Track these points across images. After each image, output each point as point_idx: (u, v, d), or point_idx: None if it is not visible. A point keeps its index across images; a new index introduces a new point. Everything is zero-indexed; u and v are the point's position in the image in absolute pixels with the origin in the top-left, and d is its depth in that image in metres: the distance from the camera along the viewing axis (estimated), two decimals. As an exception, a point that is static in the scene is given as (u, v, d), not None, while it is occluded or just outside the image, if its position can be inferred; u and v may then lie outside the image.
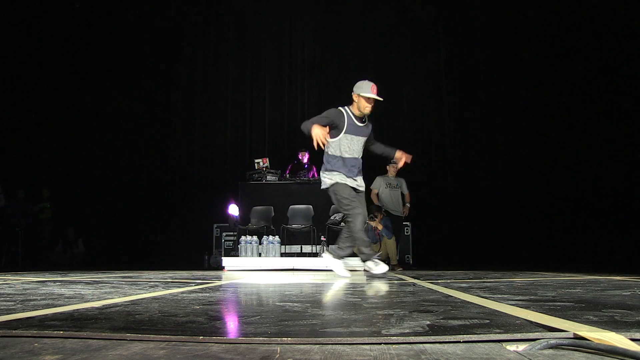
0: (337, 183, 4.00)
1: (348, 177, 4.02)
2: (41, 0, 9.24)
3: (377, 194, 6.79)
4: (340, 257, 4.08)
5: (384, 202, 6.82)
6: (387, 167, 6.84)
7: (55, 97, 9.51)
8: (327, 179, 4.06)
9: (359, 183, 4.09)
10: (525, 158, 8.76)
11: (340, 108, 4.07)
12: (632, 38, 7.55)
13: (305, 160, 7.77)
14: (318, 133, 3.75)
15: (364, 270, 3.96)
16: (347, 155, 4.04)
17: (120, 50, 9.70)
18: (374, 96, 3.95)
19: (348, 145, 4.05)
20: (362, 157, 4.15)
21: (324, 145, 3.83)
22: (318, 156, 8.18)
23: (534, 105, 8.83)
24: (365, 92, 3.95)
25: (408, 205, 6.85)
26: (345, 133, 4.02)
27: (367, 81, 4.02)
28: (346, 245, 4.07)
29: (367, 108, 4.05)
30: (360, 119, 4.08)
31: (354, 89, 4.05)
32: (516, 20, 9.05)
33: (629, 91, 7.71)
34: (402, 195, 6.86)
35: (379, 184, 6.80)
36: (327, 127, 3.92)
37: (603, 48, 8.08)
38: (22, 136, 9.14)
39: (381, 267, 3.95)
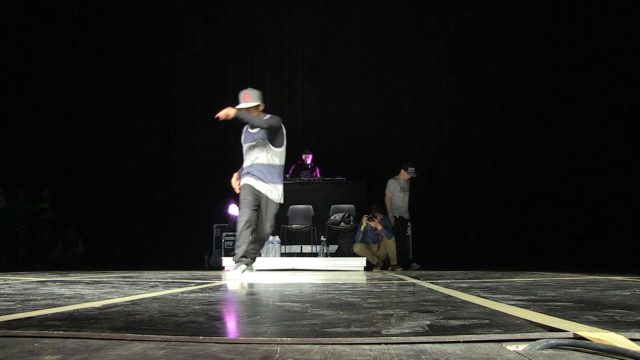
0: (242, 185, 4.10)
1: (250, 177, 4.08)
2: (41, 0, 9.24)
3: (391, 198, 6.80)
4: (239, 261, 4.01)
5: (398, 205, 6.81)
6: (402, 170, 6.83)
7: (55, 97, 9.50)
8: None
9: (262, 188, 4.03)
10: (526, 158, 8.76)
11: None
12: (634, 37, 7.55)
13: (309, 162, 7.78)
14: None
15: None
16: (245, 164, 4.20)
17: (120, 50, 9.70)
18: (241, 105, 4.02)
19: (245, 153, 4.23)
20: (278, 164, 4.17)
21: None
22: (321, 157, 8.23)
23: (534, 105, 8.83)
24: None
25: None
26: (242, 143, 4.26)
27: (241, 91, 4.13)
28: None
29: None
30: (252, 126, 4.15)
31: None
32: (517, 20, 9.05)
33: (629, 91, 7.71)
34: None
35: (393, 187, 6.79)
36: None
37: (604, 48, 8.08)
38: (22, 136, 9.13)
39: (235, 274, 3.85)
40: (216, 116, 3.87)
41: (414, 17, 9.70)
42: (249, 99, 4.05)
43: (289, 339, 1.01)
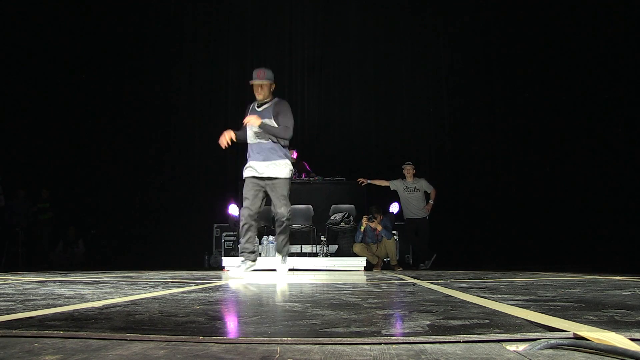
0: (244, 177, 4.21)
1: (252, 161, 4.19)
2: (41, 0, 9.24)
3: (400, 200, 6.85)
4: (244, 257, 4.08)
5: (403, 205, 6.84)
6: (403, 170, 6.85)
7: (55, 96, 9.50)
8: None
9: (263, 169, 4.13)
10: (526, 158, 8.76)
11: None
12: (634, 37, 7.55)
13: (294, 156, 7.76)
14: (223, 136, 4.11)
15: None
16: (250, 141, 4.26)
17: (120, 50, 9.69)
18: (251, 82, 4.17)
19: (249, 132, 4.27)
20: (275, 141, 4.21)
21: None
22: (321, 157, 8.21)
23: (534, 106, 8.83)
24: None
25: (431, 202, 6.78)
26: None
27: (255, 69, 4.24)
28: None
29: (256, 94, 4.25)
30: (260, 104, 4.27)
31: None
32: (518, 20, 9.05)
33: (629, 91, 7.71)
34: (427, 194, 6.84)
35: (395, 185, 6.85)
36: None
37: (604, 48, 8.08)
38: (22, 136, 9.14)
39: (238, 272, 3.93)
40: (244, 121, 4.06)
41: (414, 17, 9.70)
42: (263, 75, 4.18)
43: (289, 339, 1.01)
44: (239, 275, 3.91)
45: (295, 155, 7.76)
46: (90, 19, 9.62)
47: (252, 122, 4.04)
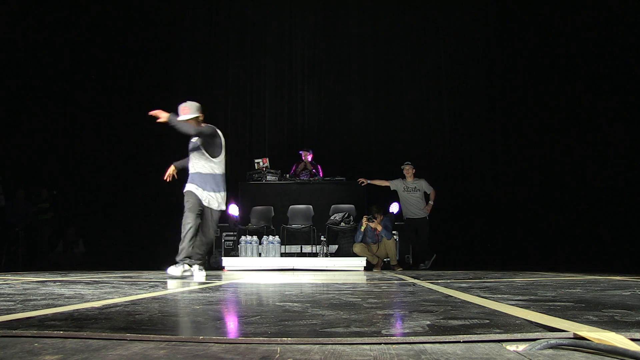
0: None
1: (193, 184, 4.25)
2: (41, 0, 9.24)
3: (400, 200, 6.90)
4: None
5: (403, 205, 6.87)
6: (403, 170, 6.88)
7: (55, 97, 9.50)
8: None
9: (203, 197, 4.18)
10: (526, 158, 8.75)
11: None
12: (634, 37, 7.55)
13: (309, 158, 7.76)
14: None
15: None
16: (190, 170, 4.35)
17: (120, 50, 9.69)
18: (180, 118, 4.14)
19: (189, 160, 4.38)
20: (217, 173, 4.36)
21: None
22: (321, 157, 8.21)
23: (534, 106, 8.83)
24: None
25: (431, 203, 6.83)
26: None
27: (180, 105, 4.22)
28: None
29: None
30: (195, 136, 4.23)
31: None
32: (518, 20, 9.05)
33: (629, 90, 7.71)
34: (427, 194, 6.87)
35: (395, 185, 6.89)
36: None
37: (604, 48, 8.08)
38: (22, 136, 9.13)
39: (175, 271, 3.97)
40: (150, 113, 4.07)
41: (414, 17, 9.69)
42: (188, 111, 4.18)
43: (289, 339, 1.01)
44: (176, 274, 3.98)
45: (310, 157, 7.77)
46: (90, 19, 9.62)
47: (159, 116, 4.05)
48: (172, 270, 3.97)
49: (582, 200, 7.99)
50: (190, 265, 4.06)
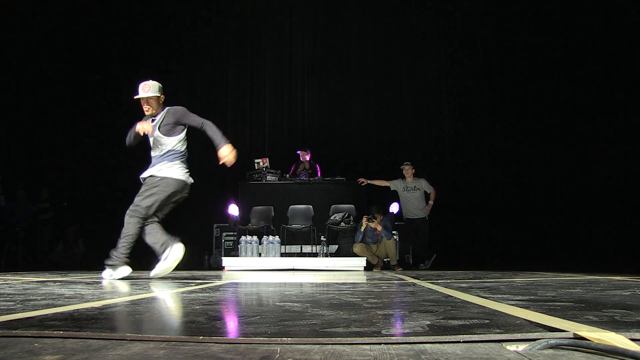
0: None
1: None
2: (41, 1, 9.24)
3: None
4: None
5: (402, 205, 6.90)
6: (402, 171, 6.89)
7: (55, 97, 9.50)
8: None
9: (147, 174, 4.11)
10: (526, 158, 8.75)
11: None
12: (634, 36, 7.55)
13: (307, 158, 7.77)
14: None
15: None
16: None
17: (120, 50, 9.69)
18: (136, 97, 4.08)
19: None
20: (169, 153, 4.26)
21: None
22: (321, 157, 8.22)
23: (534, 105, 8.83)
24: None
25: (431, 202, 6.85)
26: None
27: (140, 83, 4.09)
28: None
29: (144, 109, 4.22)
30: (152, 118, 4.20)
31: None
32: (518, 20, 9.05)
33: (630, 90, 7.71)
34: (427, 194, 6.90)
35: (395, 185, 6.91)
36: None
37: (603, 48, 8.08)
38: (22, 136, 9.13)
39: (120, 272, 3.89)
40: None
41: (414, 17, 9.69)
42: (149, 89, 4.10)
43: (289, 339, 1.01)
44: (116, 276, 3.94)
45: (308, 157, 7.77)
46: (90, 19, 9.61)
47: (146, 130, 4.02)
48: (118, 273, 3.96)
49: (582, 200, 7.99)
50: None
